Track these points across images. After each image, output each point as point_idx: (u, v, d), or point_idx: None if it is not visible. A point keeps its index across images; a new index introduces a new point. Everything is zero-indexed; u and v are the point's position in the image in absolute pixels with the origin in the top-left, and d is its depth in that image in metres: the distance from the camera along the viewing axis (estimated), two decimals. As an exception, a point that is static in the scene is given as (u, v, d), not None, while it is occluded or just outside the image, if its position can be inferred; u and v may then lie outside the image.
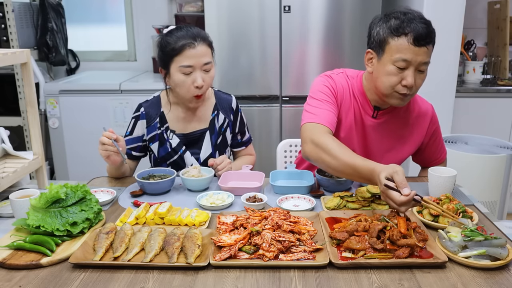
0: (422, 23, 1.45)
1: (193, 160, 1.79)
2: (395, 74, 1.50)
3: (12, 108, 3.20)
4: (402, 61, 1.47)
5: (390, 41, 1.49)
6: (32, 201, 1.23)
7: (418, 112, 1.71)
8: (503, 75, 3.28)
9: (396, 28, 1.47)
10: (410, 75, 1.48)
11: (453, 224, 1.19)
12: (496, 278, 1.03)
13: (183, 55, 1.62)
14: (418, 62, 1.47)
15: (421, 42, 1.45)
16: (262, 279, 1.04)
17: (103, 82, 3.20)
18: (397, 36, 1.47)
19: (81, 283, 1.03)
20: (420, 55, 1.46)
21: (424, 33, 1.44)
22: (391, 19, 1.49)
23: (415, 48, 1.45)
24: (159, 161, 1.80)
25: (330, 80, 1.67)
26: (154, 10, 3.68)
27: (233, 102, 1.88)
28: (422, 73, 1.52)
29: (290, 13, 2.81)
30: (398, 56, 1.47)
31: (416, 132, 1.72)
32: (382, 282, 1.02)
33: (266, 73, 2.94)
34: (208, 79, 1.67)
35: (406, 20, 1.46)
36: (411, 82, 1.48)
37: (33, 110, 1.65)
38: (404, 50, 1.46)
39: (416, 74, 1.50)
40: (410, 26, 1.45)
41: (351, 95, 1.66)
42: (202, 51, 1.64)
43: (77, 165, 3.20)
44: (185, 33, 1.64)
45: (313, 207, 1.42)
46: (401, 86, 1.51)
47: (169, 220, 1.30)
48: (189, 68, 1.63)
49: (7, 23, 2.98)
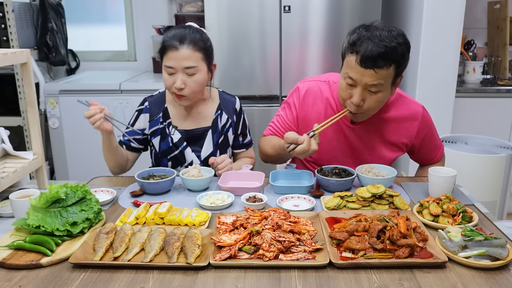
0: (377, 45, 1.38)
1: (193, 157, 1.80)
2: (344, 90, 1.50)
3: (12, 108, 3.20)
4: (349, 78, 1.45)
5: (345, 56, 1.47)
6: (32, 201, 1.23)
7: (405, 115, 1.67)
8: (503, 75, 3.28)
9: (352, 43, 1.43)
10: (356, 94, 1.46)
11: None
12: (496, 278, 1.03)
13: (167, 56, 1.65)
14: (364, 83, 1.43)
15: (367, 64, 1.39)
16: (262, 279, 1.04)
17: (103, 82, 3.21)
18: (350, 53, 1.44)
19: (81, 283, 1.03)
20: (366, 77, 1.42)
21: (372, 56, 1.38)
22: (354, 33, 1.45)
23: (360, 69, 1.41)
24: (159, 156, 1.81)
25: (295, 93, 1.72)
26: (154, 10, 3.68)
27: (237, 103, 1.89)
28: (375, 94, 1.46)
29: (290, 13, 2.81)
30: (346, 72, 1.46)
31: (402, 135, 1.69)
32: (382, 282, 1.02)
33: (266, 73, 2.94)
34: (191, 83, 1.66)
35: (364, 38, 1.40)
36: (356, 101, 1.46)
37: (33, 110, 1.65)
38: (352, 68, 1.43)
39: (366, 94, 1.46)
40: (362, 46, 1.39)
41: (322, 98, 1.67)
42: (185, 54, 1.62)
43: (77, 165, 3.20)
44: (176, 32, 1.65)
45: (313, 207, 1.42)
46: (349, 102, 1.50)
47: (169, 220, 1.30)
48: (171, 69, 1.65)
49: (7, 23, 2.98)
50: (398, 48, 1.40)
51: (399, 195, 1.41)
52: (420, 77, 2.70)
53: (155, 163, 1.87)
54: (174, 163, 1.82)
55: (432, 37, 2.63)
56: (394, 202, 1.40)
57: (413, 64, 2.76)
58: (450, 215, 1.28)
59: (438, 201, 1.33)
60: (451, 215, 1.28)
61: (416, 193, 1.55)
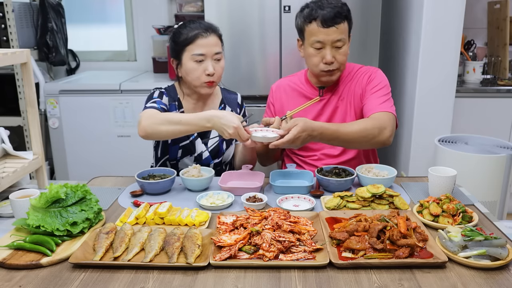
0: (329, 7, 1.66)
1: (202, 148, 1.85)
2: (314, 55, 1.73)
3: (12, 108, 3.20)
4: (317, 43, 1.70)
5: (305, 28, 1.72)
6: (32, 201, 1.23)
7: (360, 76, 1.84)
8: (503, 75, 3.28)
9: (307, 15, 1.70)
10: (327, 53, 1.70)
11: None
12: (496, 278, 1.04)
13: (196, 44, 1.72)
14: (331, 41, 1.68)
15: (328, 23, 1.66)
16: (262, 279, 1.04)
17: (103, 82, 3.20)
18: (309, 22, 1.70)
19: (81, 283, 1.03)
20: (330, 35, 1.68)
21: (330, 16, 1.66)
22: (305, 9, 1.73)
23: (324, 29, 1.67)
24: (170, 143, 1.83)
25: (270, 93, 1.97)
26: (154, 10, 3.68)
27: (239, 98, 1.98)
28: (340, 48, 1.71)
29: (290, 13, 2.80)
30: (313, 38, 1.70)
31: (358, 92, 1.84)
32: (382, 282, 1.02)
33: (266, 73, 2.94)
34: (218, 68, 1.76)
35: (315, 7, 1.68)
36: (329, 59, 1.70)
37: (33, 110, 1.65)
38: (316, 33, 1.69)
39: (334, 51, 1.71)
40: (317, 12, 1.67)
41: (293, 86, 1.90)
42: (213, 41, 1.74)
43: (77, 165, 3.20)
44: (198, 25, 1.75)
45: (313, 207, 1.42)
46: (323, 64, 1.72)
47: (169, 220, 1.30)
48: (201, 56, 1.72)
49: (7, 23, 2.98)
50: (344, 6, 1.71)
51: (399, 195, 1.42)
52: (420, 77, 2.69)
53: (162, 152, 1.86)
54: (184, 152, 1.85)
55: (432, 37, 2.63)
56: (394, 202, 1.40)
57: (413, 64, 2.75)
58: (450, 215, 1.28)
59: (438, 201, 1.33)
60: (451, 215, 1.28)
61: (416, 193, 1.55)
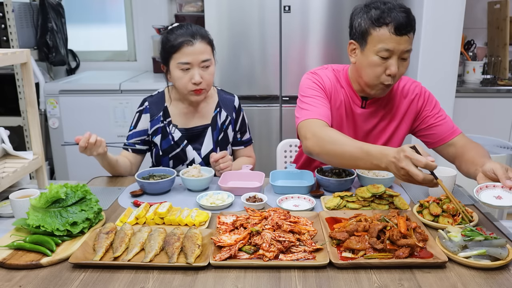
0: (402, 12, 1.48)
1: (194, 155, 1.82)
2: (379, 65, 1.53)
3: (12, 108, 3.20)
4: (385, 51, 1.50)
5: (372, 32, 1.51)
6: (32, 201, 1.23)
7: (407, 91, 1.71)
8: (503, 75, 3.28)
9: (377, 18, 1.49)
10: (393, 64, 1.51)
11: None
12: (496, 278, 1.03)
13: (181, 52, 1.67)
14: (400, 51, 1.50)
15: (402, 31, 1.47)
16: (262, 279, 1.04)
17: (103, 82, 3.20)
18: (378, 27, 1.49)
19: (81, 283, 1.03)
20: (402, 44, 1.49)
21: (404, 22, 1.47)
22: (372, 10, 1.51)
23: (396, 37, 1.48)
24: (161, 155, 1.82)
25: (317, 76, 1.69)
26: (154, 10, 3.68)
27: (236, 101, 1.92)
28: (405, 60, 1.55)
29: (290, 13, 2.81)
30: (381, 46, 1.50)
31: (408, 109, 1.71)
32: (382, 282, 1.02)
33: (266, 73, 2.94)
34: (207, 76, 1.71)
35: (386, 10, 1.48)
36: (394, 70, 1.51)
37: (33, 110, 1.65)
38: (386, 40, 1.49)
39: (399, 63, 1.53)
40: (390, 16, 1.47)
41: (339, 87, 1.69)
42: (200, 48, 1.67)
43: (77, 165, 3.20)
44: (184, 31, 1.68)
45: (313, 207, 1.42)
46: (385, 76, 1.54)
47: (169, 220, 1.30)
48: (187, 65, 1.67)
49: (7, 23, 2.98)
50: (411, 14, 1.52)
51: (399, 195, 1.42)
52: (420, 77, 2.69)
53: (156, 163, 1.87)
54: (176, 162, 1.82)
55: (432, 37, 2.63)
56: (394, 202, 1.40)
57: (413, 64, 2.75)
58: (450, 215, 1.28)
59: (438, 201, 1.33)
60: (451, 215, 1.28)
61: (416, 193, 1.55)
